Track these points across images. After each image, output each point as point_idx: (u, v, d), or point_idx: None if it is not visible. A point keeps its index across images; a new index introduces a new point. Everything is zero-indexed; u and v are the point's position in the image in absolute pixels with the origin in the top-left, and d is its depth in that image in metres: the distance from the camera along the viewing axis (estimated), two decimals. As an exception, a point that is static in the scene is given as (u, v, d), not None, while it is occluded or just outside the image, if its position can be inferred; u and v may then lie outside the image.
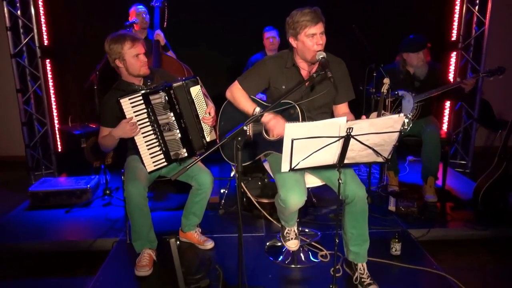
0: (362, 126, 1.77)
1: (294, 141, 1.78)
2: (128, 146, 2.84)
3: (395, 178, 3.85)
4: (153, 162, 2.66)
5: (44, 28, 4.46)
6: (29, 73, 4.47)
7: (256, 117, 2.09)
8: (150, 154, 2.65)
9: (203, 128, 2.75)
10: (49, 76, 4.57)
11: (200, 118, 2.73)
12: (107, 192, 3.75)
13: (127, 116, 2.55)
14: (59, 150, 4.71)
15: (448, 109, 4.80)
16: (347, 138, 1.82)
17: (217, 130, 2.80)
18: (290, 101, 2.38)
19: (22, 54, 4.41)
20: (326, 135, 1.79)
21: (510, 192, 3.36)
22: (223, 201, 3.57)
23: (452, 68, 4.66)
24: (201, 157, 2.03)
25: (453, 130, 4.80)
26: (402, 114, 1.76)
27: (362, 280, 2.40)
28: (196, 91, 2.72)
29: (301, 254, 2.77)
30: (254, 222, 3.32)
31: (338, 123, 1.76)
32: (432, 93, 3.48)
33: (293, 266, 2.70)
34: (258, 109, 2.40)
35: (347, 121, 1.77)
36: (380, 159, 1.96)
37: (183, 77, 2.72)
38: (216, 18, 4.69)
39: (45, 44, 4.50)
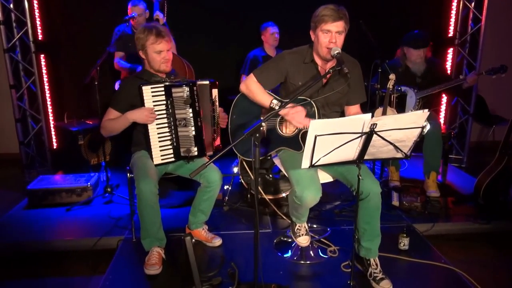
0: (386, 122, 1.77)
1: (317, 137, 1.77)
2: (133, 142, 2.81)
3: (396, 173, 3.88)
4: (161, 156, 2.65)
5: (38, 22, 4.34)
6: (23, 68, 4.36)
7: (276, 112, 2.07)
8: (159, 146, 2.64)
9: (216, 131, 2.80)
10: (44, 71, 4.46)
11: (216, 120, 2.77)
12: (108, 189, 3.68)
13: (146, 104, 2.55)
14: (54, 147, 4.61)
15: (445, 105, 4.87)
16: (369, 134, 1.82)
17: (228, 125, 2.80)
18: (306, 98, 2.37)
19: (15, 49, 4.29)
20: (349, 131, 1.78)
21: (510, 187, 3.42)
22: (226, 197, 3.55)
23: (449, 64, 4.72)
24: (219, 154, 1.98)
25: (449, 126, 4.87)
26: (426, 110, 1.77)
27: (375, 275, 2.41)
28: (215, 93, 2.78)
29: (310, 250, 2.78)
30: (259, 218, 3.30)
31: (363, 119, 1.76)
32: (435, 89, 3.52)
33: (302, 262, 2.70)
34: (275, 101, 2.38)
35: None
36: (399, 155, 1.97)
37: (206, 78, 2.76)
38: (216, 13, 4.65)
39: (39, 38, 4.38)
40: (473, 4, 4.51)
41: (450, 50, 4.70)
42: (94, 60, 3.52)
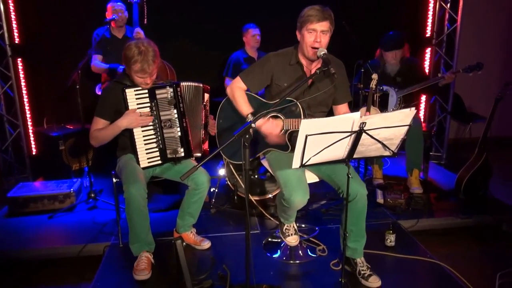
0: (375, 120, 1.81)
1: (308, 137, 1.78)
2: (119, 146, 2.77)
3: (379, 171, 3.95)
4: (148, 159, 2.65)
5: (14, 25, 4.23)
6: (-1, 73, 4.25)
7: (253, 121, 2.01)
8: (146, 149, 2.63)
9: (205, 135, 2.81)
10: (21, 75, 4.35)
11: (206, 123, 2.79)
12: (92, 195, 3.61)
13: (130, 107, 2.53)
14: (34, 153, 4.50)
15: (424, 103, 4.98)
16: (359, 133, 1.85)
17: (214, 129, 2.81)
18: (292, 99, 2.39)
19: (-10, 53, 4.18)
20: (339, 130, 1.80)
21: (489, 181, 3.53)
22: (213, 200, 3.54)
23: (427, 63, 4.84)
24: (209, 157, 1.97)
25: (429, 124, 4.99)
26: (413, 109, 1.81)
27: (363, 272, 2.45)
28: (207, 97, 2.80)
29: (299, 250, 2.79)
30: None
31: (352, 118, 1.78)
32: (415, 88, 3.60)
33: (292, 261, 2.72)
34: (250, 116, 2.34)
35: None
36: (387, 153, 2.00)
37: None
38: (197, 15, 4.64)
39: (16, 42, 4.27)
40: (448, 5, 4.63)
41: (428, 50, 4.83)
42: (72, 63, 3.46)
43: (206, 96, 2.80)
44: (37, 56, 4.44)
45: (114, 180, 2.76)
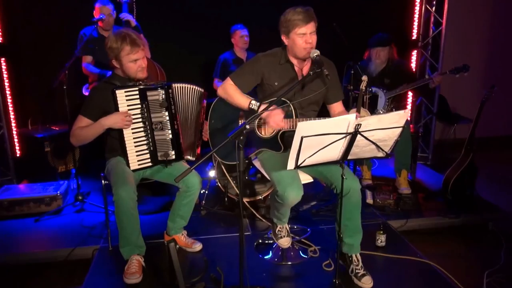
0: (370, 122, 1.82)
1: (303, 138, 1.79)
2: (107, 148, 2.72)
3: (368, 172, 3.99)
4: (138, 161, 2.61)
5: (-3, 24, 4.14)
6: (-19, 73, 4.14)
7: (259, 114, 2.06)
8: (136, 151, 2.59)
9: (199, 140, 2.79)
10: (5, 75, 4.24)
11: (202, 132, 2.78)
12: (79, 197, 3.55)
13: (120, 109, 2.49)
14: (18, 155, 4.39)
15: (410, 105, 5.05)
16: (354, 135, 1.86)
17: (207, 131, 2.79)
18: (284, 99, 2.39)
19: (-27, 53, 4.07)
20: (335, 132, 1.81)
21: (475, 181, 3.59)
22: (203, 202, 3.51)
23: (413, 65, 4.91)
24: (204, 158, 1.97)
25: (415, 125, 5.05)
26: (407, 110, 1.83)
27: (357, 271, 2.46)
28: (204, 103, 2.78)
29: (291, 251, 2.79)
30: (237, 221, 3.29)
31: (348, 120, 1.79)
32: (403, 89, 3.64)
33: (284, 263, 2.72)
34: (254, 102, 2.39)
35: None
36: (380, 154, 2.02)
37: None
38: (185, 16, 4.60)
39: (-1, 41, 4.18)
40: (434, 8, 4.71)
41: (414, 52, 4.90)
42: (58, 63, 3.39)
43: (204, 102, 2.78)
44: (21, 56, 4.35)
45: (103, 182, 2.72)
